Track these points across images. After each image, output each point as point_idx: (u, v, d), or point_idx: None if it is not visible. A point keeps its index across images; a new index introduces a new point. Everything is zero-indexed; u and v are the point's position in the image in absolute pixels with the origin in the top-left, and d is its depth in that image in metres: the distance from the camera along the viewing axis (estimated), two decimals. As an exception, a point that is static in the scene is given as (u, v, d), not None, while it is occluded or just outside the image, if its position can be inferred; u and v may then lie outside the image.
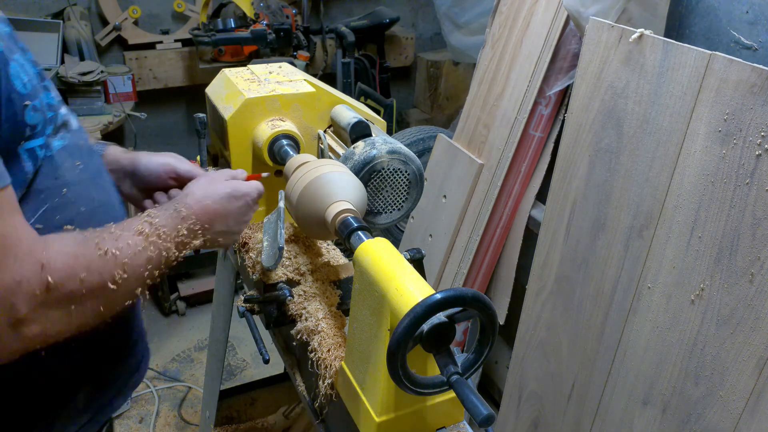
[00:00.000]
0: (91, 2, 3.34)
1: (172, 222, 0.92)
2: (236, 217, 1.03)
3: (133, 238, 0.85)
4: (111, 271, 0.80)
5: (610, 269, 1.59)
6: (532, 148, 2.02)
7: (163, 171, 1.15)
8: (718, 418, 1.32)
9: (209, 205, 0.98)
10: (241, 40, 3.18)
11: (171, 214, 0.93)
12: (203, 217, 0.97)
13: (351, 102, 1.31)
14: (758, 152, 1.22)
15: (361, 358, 0.86)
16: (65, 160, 0.89)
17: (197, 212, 0.96)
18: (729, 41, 1.48)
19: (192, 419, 2.57)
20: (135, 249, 0.84)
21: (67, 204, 0.88)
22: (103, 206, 0.96)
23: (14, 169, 0.79)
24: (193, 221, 0.95)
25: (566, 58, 1.91)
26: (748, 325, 1.25)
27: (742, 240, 1.25)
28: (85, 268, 0.77)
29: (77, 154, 0.93)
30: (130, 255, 0.83)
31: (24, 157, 0.81)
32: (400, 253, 0.87)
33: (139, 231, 0.86)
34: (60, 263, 0.74)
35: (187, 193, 1.00)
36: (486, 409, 0.67)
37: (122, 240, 0.83)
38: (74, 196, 0.90)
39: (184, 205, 0.95)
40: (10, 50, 0.78)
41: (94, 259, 0.78)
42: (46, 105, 0.85)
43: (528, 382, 1.93)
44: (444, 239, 2.27)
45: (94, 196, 0.94)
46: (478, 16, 2.82)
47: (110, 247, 0.80)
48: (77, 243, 0.78)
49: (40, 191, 0.85)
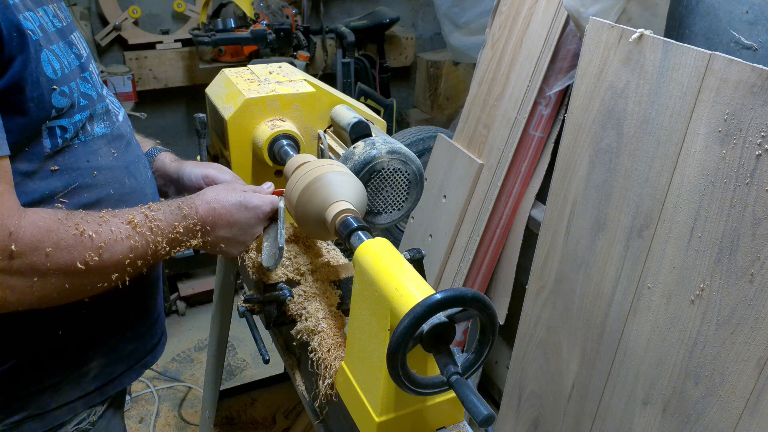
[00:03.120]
0: (91, 2, 3.34)
1: (171, 217, 0.93)
2: (243, 227, 1.03)
3: (120, 225, 0.87)
4: (82, 252, 0.82)
5: (610, 269, 1.59)
6: (532, 148, 2.02)
7: (204, 182, 1.16)
8: (718, 418, 1.32)
9: (216, 209, 0.99)
10: (241, 40, 3.18)
11: (172, 210, 0.94)
12: (207, 219, 0.97)
13: (351, 102, 1.31)
14: (758, 152, 1.22)
15: (361, 358, 0.86)
16: (101, 147, 0.96)
17: (201, 213, 0.97)
18: (729, 41, 1.48)
19: (192, 419, 2.57)
20: (117, 235, 0.86)
21: (96, 185, 0.94)
22: (135, 192, 1.00)
23: (33, 144, 0.86)
24: (194, 221, 0.96)
25: (566, 58, 1.91)
26: (748, 325, 1.25)
27: (742, 240, 1.25)
28: (54, 244, 0.79)
29: (116, 143, 0.99)
30: (110, 241, 0.85)
31: (45, 134, 0.86)
32: (400, 253, 0.87)
33: (129, 220, 0.88)
34: (29, 234, 0.78)
35: (200, 193, 1.01)
36: (486, 409, 0.67)
37: (107, 225, 0.86)
38: (104, 180, 0.95)
39: (189, 204, 0.97)
40: (49, 41, 0.86)
41: (67, 237, 0.81)
42: (81, 93, 0.92)
43: (528, 382, 1.93)
44: (444, 239, 2.27)
45: (126, 182, 0.99)
46: (478, 16, 2.82)
47: (89, 229, 0.83)
48: (55, 219, 0.81)
49: (72, 170, 0.91)
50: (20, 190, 0.84)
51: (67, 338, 0.97)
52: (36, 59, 0.83)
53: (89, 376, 1.02)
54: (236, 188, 1.05)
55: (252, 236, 1.06)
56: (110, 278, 0.87)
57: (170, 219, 0.93)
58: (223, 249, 1.04)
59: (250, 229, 1.04)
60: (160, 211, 0.93)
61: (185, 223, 0.95)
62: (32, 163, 0.86)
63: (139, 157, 1.07)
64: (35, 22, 0.85)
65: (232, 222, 1.01)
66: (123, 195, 0.98)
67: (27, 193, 0.86)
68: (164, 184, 1.20)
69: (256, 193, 1.06)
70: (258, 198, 1.04)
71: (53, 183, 0.89)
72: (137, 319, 1.09)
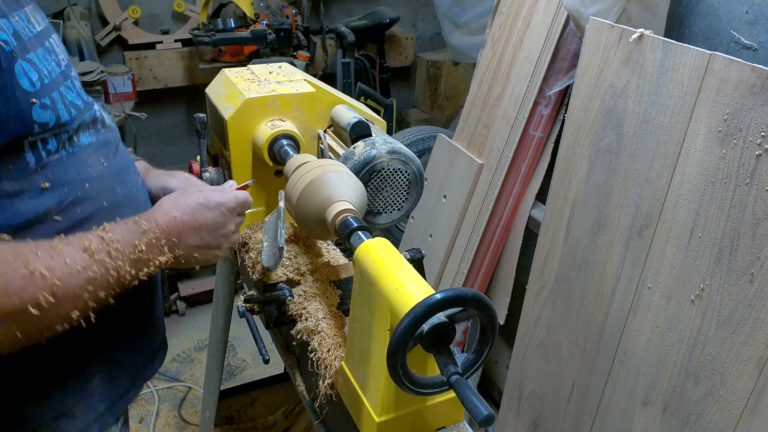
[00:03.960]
0: (91, 2, 3.34)
1: (130, 236, 0.84)
2: (210, 229, 0.94)
3: (75, 255, 0.78)
4: (34, 294, 0.73)
5: (610, 269, 1.59)
6: (532, 148, 2.02)
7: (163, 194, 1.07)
8: (718, 418, 1.32)
9: (177, 217, 0.90)
10: (241, 40, 3.18)
11: (129, 228, 0.85)
12: (170, 231, 0.89)
13: (351, 102, 1.31)
14: (758, 152, 1.22)
15: (361, 358, 0.86)
16: (90, 156, 0.90)
17: (163, 225, 0.88)
18: (729, 41, 1.48)
19: (192, 419, 2.57)
20: (72, 269, 0.77)
21: (89, 198, 0.89)
22: (127, 200, 0.95)
23: (16, 161, 0.79)
24: (155, 235, 0.87)
25: (566, 58, 1.91)
26: (748, 325, 1.25)
27: (742, 240, 1.25)
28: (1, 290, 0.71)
29: (104, 150, 0.93)
30: (65, 276, 0.76)
31: (27, 148, 0.80)
32: (400, 253, 0.87)
33: (84, 247, 0.79)
34: None
35: (156, 206, 0.93)
36: (486, 409, 0.67)
37: (59, 257, 0.76)
38: (96, 191, 0.90)
39: (147, 218, 0.88)
40: (25, 49, 0.79)
41: (15, 279, 0.72)
42: (69, 103, 0.86)
43: (528, 382, 1.93)
44: (444, 239, 2.27)
45: (118, 190, 0.94)
46: (478, 16, 2.82)
47: (39, 267, 0.74)
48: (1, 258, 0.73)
49: (63, 184, 0.85)
50: (11, 211, 0.79)
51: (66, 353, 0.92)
52: (9, 72, 0.76)
53: (95, 397, 0.97)
54: (192, 191, 0.96)
55: (225, 237, 0.97)
56: (70, 317, 0.78)
57: (129, 238, 0.84)
58: (199, 259, 0.95)
59: (219, 229, 0.96)
60: (116, 231, 0.83)
61: (146, 239, 0.85)
62: (18, 182, 0.80)
63: (129, 162, 1.01)
64: (8, 29, 0.78)
65: (197, 226, 0.92)
66: (116, 205, 0.92)
67: (20, 213, 0.80)
68: None
69: (216, 190, 0.98)
70: (219, 195, 0.97)
71: (46, 201, 0.83)
72: (136, 328, 1.06)
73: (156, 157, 3.82)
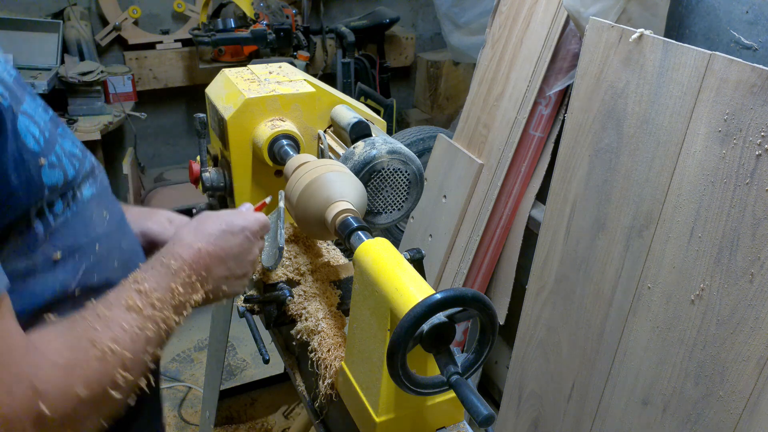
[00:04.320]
0: (91, 2, 3.34)
1: (165, 281, 0.77)
2: (237, 256, 0.87)
3: (125, 317, 0.70)
4: (112, 376, 0.67)
5: (610, 269, 1.59)
6: (532, 148, 2.02)
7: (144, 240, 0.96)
8: (718, 418, 1.32)
9: (201, 249, 0.82)
10: (241, 40, 3.18)
11: (160, 272, 0.78)
12: (198, 266, 0.81)
13: (351, 102, 1.31)
14: (758, 152, 1.22)
15: (361, 358, 0.86)
16: (94, 211, 0.79)
17: (189, 261, 0.80)
18: (729, 41, 1.48)
19: (192, 419, 2.57)
20: (131, 334, 0.70)
21: (101, 261, 0.78)
22: (132, 255, 0.86)
23: (25, 235, 0.68)
24: (186, 273, 0.80)
25: (566, 58, 1.91)
26: (748, 325, 1.25)
27: (742, 240, 1.25)
28: (83, 382, 0.64)
29: (105, 200, 0.82)
30: (128, 344, 0.69)
31: (34, 216, 0.69)
32: (400, 253, 0.87)
33: (128, 306, 0.71)
34: (53, 384, 0.62)
35: (174, 239, 0.84)
36: (486, 409, 0.67)
37: (116, 325, 0.69)
38: (106, 251, 0.79)
39: (172, 257, 0.80)
40: (17, 101, 0.68)
41: (92, 364, 0.65)
42: (69, 154, 0.75)
43: (528, 382, 1.93)
44: (444, 239, 2.27)
45: (123, 245, 0.84)
46: (478, 16, 2.82)
47: (106, 342, 0.67)
48: (69, 346, 0.65)
49: (74, 251, 0.74)
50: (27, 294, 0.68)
51: None
52: (14, 132, 0.64)
53: None
54: (211, 217, 0.88)
55: (250, 263, 0.91)
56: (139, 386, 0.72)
57: (164, 283, 0.77)
58: (227, 291, 0.88)
59: (245, 256, 0.89)
60: (150, 280, 0.76)
61: (180, 279, 0.78)
62: (29, 258, 0.68)
63: (122, 210, 0.89)
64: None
65: (223, 256, 0.85)
66: (125, 263, 0.82)
67: (36, 294, 0.69)
68: None
69: (237, 214, 0.91)
70: (241, 218, 0.89)
71: (60, 275, 0.72)
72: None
73: (156, 157, 3.82)
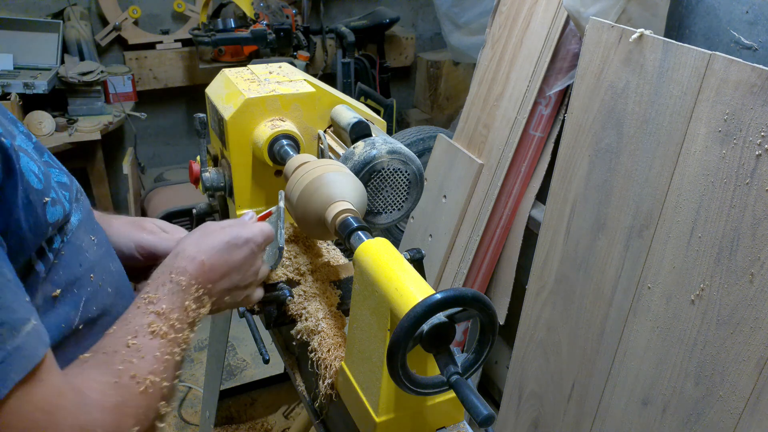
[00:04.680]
0: (91, 2, 3.34)
1: (178, 300, 0.75)
2: (240, 269, 0.86)
3: (154, 344, 0.69)
4: (156, 408, 0.67)
5: (610, 269, 1.59)
6: (532, 148, 2.02)
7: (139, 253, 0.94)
8: (718, 418, 1.32)
9: (204, 262, 0.80)
10: (241, 40, 3.18)
11: (171, 290, 0.76)
12: (203, 279, 0.79)
13: (351, 102, 1.31)
14: (758, 152, 1.22)
15: (361, 358, 0.86)
16: (83, 238, 0.75)
17: (195, 275, 0.79)
18: (729, 41, 1.48)
19: (192, 419, 2.57)
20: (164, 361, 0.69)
21: (97, 291, 0.75)
22: (120, 276, 0.83)
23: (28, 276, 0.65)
24: (195, 288, 0.78)
25: (566, 58, 1.91)
26: (748, 325, 1.25)
27: (742, 240, 1.25)
28: (133, 420, 0.64)
29: (89, 224, 0.78)
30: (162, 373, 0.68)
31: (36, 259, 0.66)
32: (400, 253, 0.87)
33: (153, 332, 0.70)
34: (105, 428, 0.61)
35: (177, 252, 0.81)
36: (486, 409, 0.67)
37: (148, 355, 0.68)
38: (100, 278, 0.76)
39: (178, 272, 0.78)
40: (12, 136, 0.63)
41: (137, 400, 0.65)
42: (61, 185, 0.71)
43: (528, 382, 1.93)
44: (444, 239, 2.27)
45: (112, 268, 0.81)
46: (478, 16, 2.82)
47: (144, 375, 0.66)
48: (112, 385, 0.64)
49: (71, 284, 0.71)
50: None
51: None
52: (21, 173, 0.61)
53: None
54: (214, 229, 0.86)
55: (254, 275, 0.90)
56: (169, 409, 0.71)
57: (178, 302, 0.75)
58: (229, 303, 0.87)
59: (249, 268, 0.87)
60: (163, 300, 0.74)
61: (190, 296, 0.77)
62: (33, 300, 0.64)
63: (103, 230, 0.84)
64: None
65: (227, 269, 0.83)
66: (117, 289, 0.79)
67: None
68: None
69: (241, 225, 0.88)
70: (246, 230, 0.87)
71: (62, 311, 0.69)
72: None
73: (156, 157, 3.82)
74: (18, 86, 2.78)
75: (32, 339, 0.57)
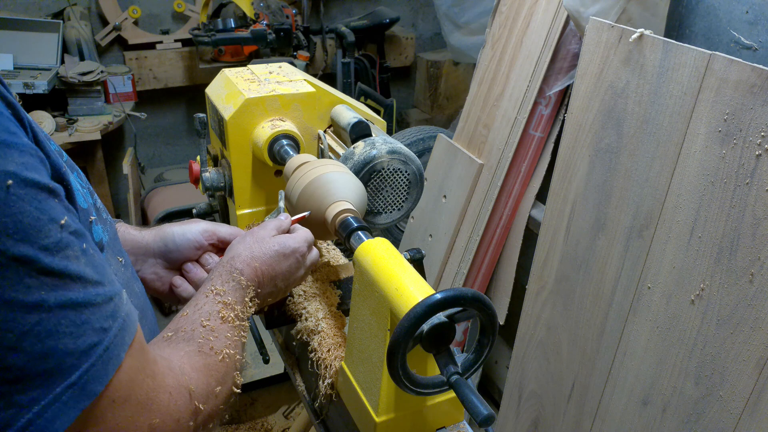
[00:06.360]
0: (91, 2, 3.34)
1: (239, 295, 0.82)
2: (285, 276, 0.92)
3: (225, 327, 0.77)
4: (232, 375, 0.74)
5: (610, 269, 1.59)
6: (532, 148, 2.02)
7: (204, 238, 1.01)
8: (718, 418, 1.32)
9: (257, 268, 0.87)
10: (241, 40, 3.18)
11: (234, 287, 0.83)
12: (255, 282, 0.87)
13: (351, 102, 1.31)
14: (758, 152, 1.22)
15: (361, 358, 0.86)
16: (111, 261, 0.75)
17: (249, 276, 0.86)
18: (729, 41, 1.48)
19: (192, 419, 2.57)
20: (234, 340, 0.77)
21: None
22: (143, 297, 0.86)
23: None
24: (252, 289, 0.86)
25: (566, 58, 1.91)
26: (748, 325, 1.25)
27: (742, 240, 1.25)
28: (217, 382, 0.71)
29: (116, 246, 0.80)
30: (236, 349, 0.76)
31: None
32: (400, 253, 0.87)
33: (224, 317, 0.78)
34: (199, 384, 0.68)
35: (233, 255, 0.88)
36: (486, 409, 0.67)
37: (221, 334, 0.75)
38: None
39: (238, 272, 0.85)
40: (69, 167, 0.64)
41: (219, 367, 0.72)
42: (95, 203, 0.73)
43: (528, 382, 1.93)
44: (444, 239, 2.27)
45: (136, 289, 0.83)
46: (478, 16, 2.83)
47: (222, 348, 0.74)
48: (198, 353, 0.71)
49: None
50: None
51: None
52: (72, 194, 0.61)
53: None
54: (264, 237, 0.92)
55: (295, 281, 0.96)
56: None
57: (239, 297, 0.82)
58: (269, 302, 0.95)
59: (292, 276, 0.93)
60: (229, 293, 0.81)
61: (248, 295, 0.84)
62: None
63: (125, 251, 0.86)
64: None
65: (274, 276, 0.90)
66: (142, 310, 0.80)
67: None
68: (136, 261, 0.99)
69: (289, 235, 0.94)
70: (293, 240, 0.93)
71: None
72: None
73: (156, 157, 3.83)
74: (18, 86, 2.78)
75: (131, 308, 0.61)
